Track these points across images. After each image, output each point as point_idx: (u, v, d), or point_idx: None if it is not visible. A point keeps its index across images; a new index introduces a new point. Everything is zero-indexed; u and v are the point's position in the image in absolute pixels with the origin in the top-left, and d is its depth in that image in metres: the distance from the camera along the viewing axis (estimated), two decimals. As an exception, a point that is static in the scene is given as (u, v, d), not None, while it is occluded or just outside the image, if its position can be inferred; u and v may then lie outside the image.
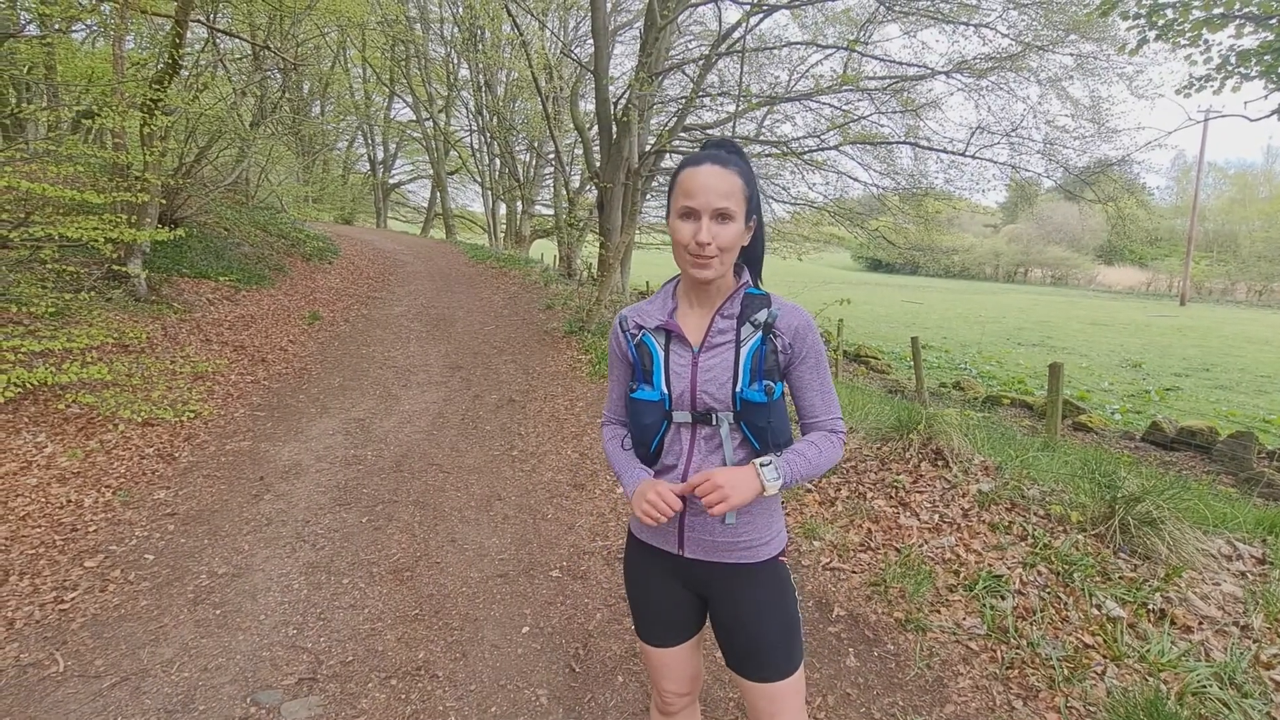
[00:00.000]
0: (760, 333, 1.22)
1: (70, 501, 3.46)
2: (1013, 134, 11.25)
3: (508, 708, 2.18)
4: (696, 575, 1.32)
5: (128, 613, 2.61)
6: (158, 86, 6.06)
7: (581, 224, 16.00)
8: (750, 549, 1.28)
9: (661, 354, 1.27)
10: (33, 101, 7.89)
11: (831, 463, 1.25)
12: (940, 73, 10.75)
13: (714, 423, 1.24)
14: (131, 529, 3.27)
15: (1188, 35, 6.11)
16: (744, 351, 1.22)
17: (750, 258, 1.32)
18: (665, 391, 1.26)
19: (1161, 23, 6.12)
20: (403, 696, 2.21)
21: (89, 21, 7.84)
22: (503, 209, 22.39)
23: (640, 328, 1.31)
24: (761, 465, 1.18)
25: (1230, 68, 6.20)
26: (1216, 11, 5.77)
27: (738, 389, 1.21)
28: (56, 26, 6.78)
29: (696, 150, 1.27)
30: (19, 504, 3.36)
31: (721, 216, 1.16)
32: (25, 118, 7.06)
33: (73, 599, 2.68)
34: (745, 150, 1.29)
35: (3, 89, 7.41)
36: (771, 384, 1.22)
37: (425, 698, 2.21)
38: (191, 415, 4.68)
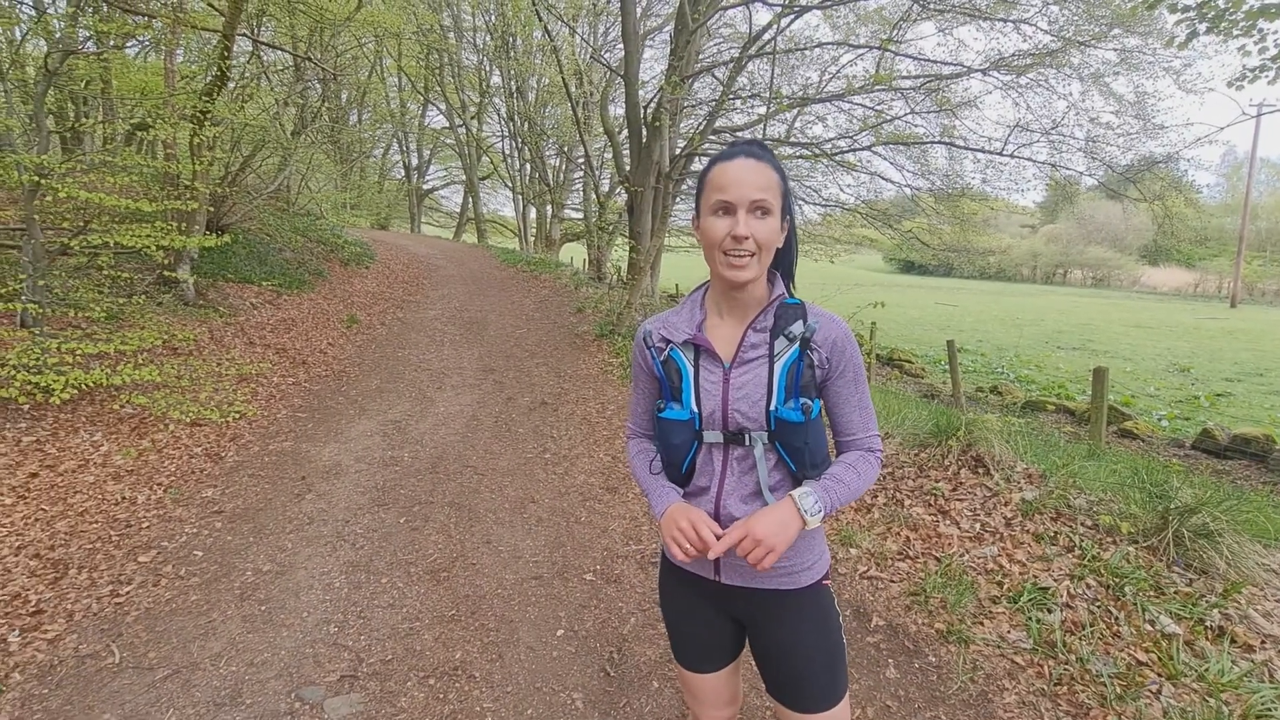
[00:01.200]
0: (796, 346, 1.14)
1: (124, 499, 3.60)
2: (1053, 132, 10.94)
3: (543, 710, 2.19)
4: (735, 602, 1.27)
5: (179, 607, 2.70)
6: (206, 98, 6.29)
7: (611, 227, 16.07)
8: (792, 574, 1.22)
9: (691, 370, 1.20)
10: (90, 115, 8.26)
11: (869, 484, 1.19)
12: (977, 71, 10.52)
13: (747, 443, 1.17)
14: (181, 526, 3.39)
15: (1241, 25, 5.86)
16: (778, 367, 1.14)
17: (781, 264, 1.24)
18: (695, 410, 1.19)
19: (1212, 14, 5.89)
20: (441, 696, 2.24)
21: (142, 37, 8.18)
22: (533, 213, 22.64)
23: (667, 342, 1.23)
24: (800, 498, 1.11)
25: (1288, 59, 5.94)
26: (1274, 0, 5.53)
27: (772, 407, 1.14)
28: (112, 43, 7.08)
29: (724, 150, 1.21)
30: (77, 500, 3.51)
31: (759, 210, 1.10)
32: (83, 131, 7.39)
33: (127, 593, 2.78)
34: (776, 152, 1.24)
35: (63, 104, 7.77)
36: (809, 401, 1.14)
37: (463, 698, 2.23)
38: (237, 416, 4.83)
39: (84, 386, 4.19)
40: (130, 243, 4.77)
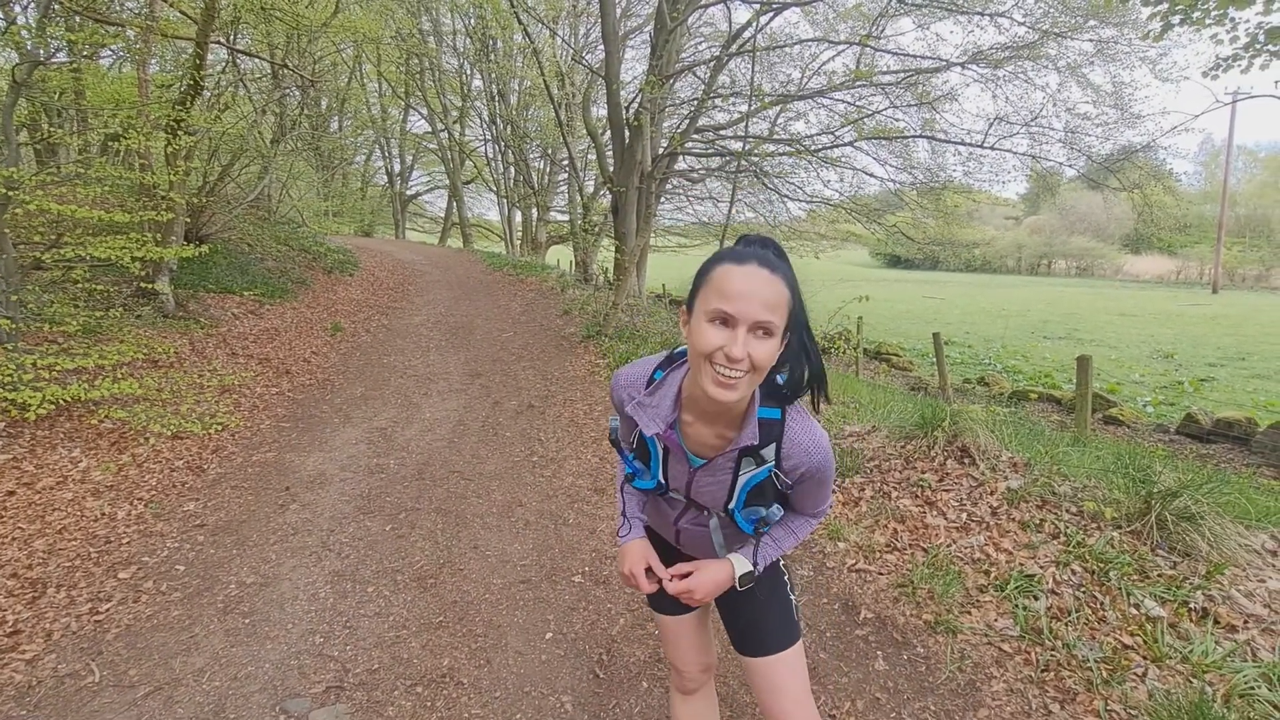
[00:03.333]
0: (763, 470, 1.17)
1: (104, 514, 3.54)
2: (1032, 124, 11.05)
3: (532, 714, 2.17)
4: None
5: (160, 623, 2.66)
6: (181, 107, 6.21)
7: (597, 229, 16.05)
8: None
9: (660, 456, 1.26)
10: (63, 126, 8.14)
11: (804, 538, 1.36)
12: (955, 64, 10.60)
13: (706, 514, 1.30)
14: (163, 540, 3.33)
15: (1213, 14, 5.93)
16: (742, 480, 1.20)
17: (794, 368, 1.13)
18: (662, 481, 1.29)
19: (1183, 5, 5.96)
20: (428, 704, 2.21)
21: (115, 47, 8.07)
22: (518, 216, 22.58)
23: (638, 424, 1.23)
24: (738, 565, 1.26)
25: (1259, 46, 6.02)
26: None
27: (730, 505, 1.24)
28: (84, 54, 6.98)
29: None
30: (56, 517, 3.45)
31: (763, 331, 1.01)
32: (56, 142, 7.28)
33: (107, 610, 2.73)
34: (758, 149, 1.26)
35: (35, 115, 7.64)
36: (761, 510, 1.23)
37: (450, 705, 2.21)
38: (219, 428, 4.77)
39: (61, 402, 4.12)
40: (105, 255, 4.69)
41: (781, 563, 1.44)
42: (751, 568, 1.26)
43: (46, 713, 2.16)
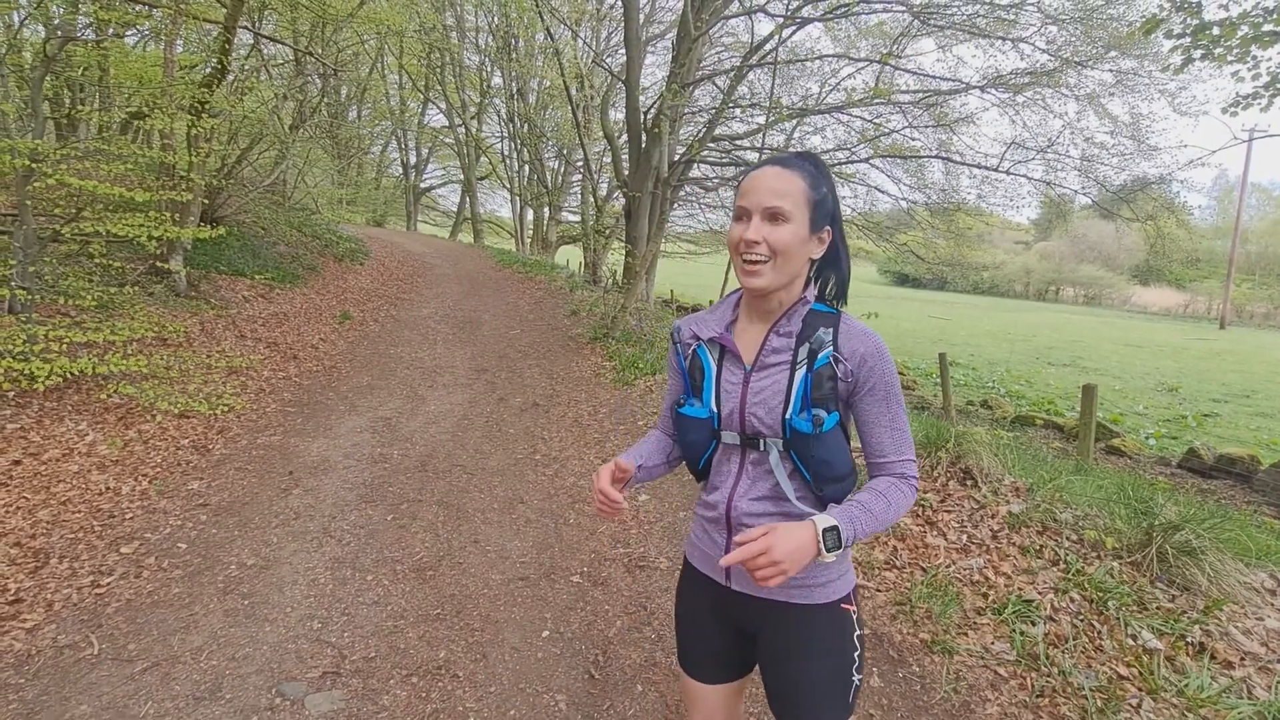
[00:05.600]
0: (821, 355, 1.11)
1: (109, 489, 3.56)
2: (1048, 150, 11.06)
3: (527, 711, 2.18)
4: (745, 611, 1.22)
5: (160, 599, 2.68)
6: (205, 89, 6.27)
7: (608, 232, 16.09)
8: (803, 587, 1.15)
9: (714, 368, 1.19)
10: (86, 102, 8.21)
11: (901, 514, 1.11)
12: (975, 87, 10.63)
13: (762, 448, 1.16)
14: (166, 518, 3.35)
15: (1235, 52, 5.95)
16: (798, 375, 1.11)
17: (828, 274, 1.22)
18: (714, 409, 1.19)
19: (1205, 41, 5.97)
20: (423, 695, 2.22)
21: (142, 26, 8.14)
22: (530, 215, 22.63)
23: (696, 338, 1.24)
24: (823, 533, 1.01)
25: (1280, 85, 6.03)
26: (1267, 28, 5.62)
27: (787, 415, 1.11)
28: (112, 31, 7.05)
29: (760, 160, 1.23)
30: (60, 489, 3.47)
31: (773, 216, 1.08)
32: (79, 118, 7.35)
33: (109, 584, 2.75)
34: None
35: (59, 90, 7.71)
36: (822, 414, 1.10)
37: (445, 697, 2.22)
38: (225, 409, 4.80)
39: (70, 374, 4.15)
40: (123, 232, 4.73)
41: (856, 633, 1.19)
42: (835, 523, 1.02)
43: (45, 682, 2.18)
